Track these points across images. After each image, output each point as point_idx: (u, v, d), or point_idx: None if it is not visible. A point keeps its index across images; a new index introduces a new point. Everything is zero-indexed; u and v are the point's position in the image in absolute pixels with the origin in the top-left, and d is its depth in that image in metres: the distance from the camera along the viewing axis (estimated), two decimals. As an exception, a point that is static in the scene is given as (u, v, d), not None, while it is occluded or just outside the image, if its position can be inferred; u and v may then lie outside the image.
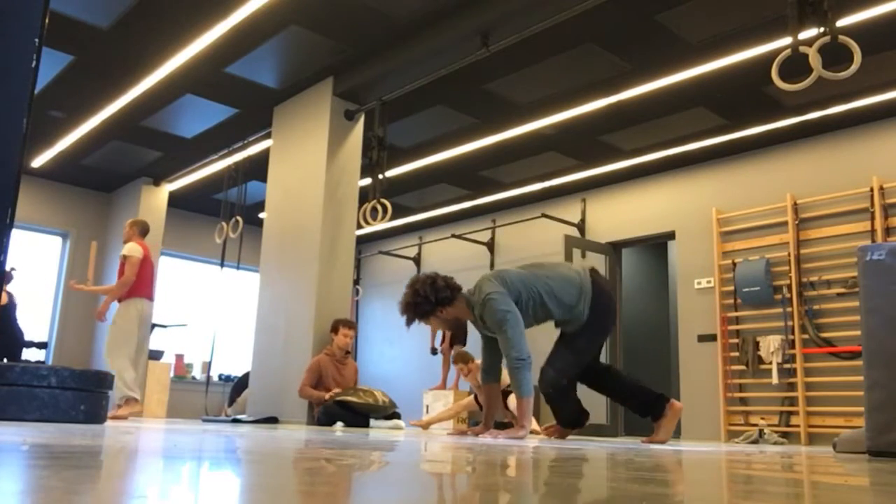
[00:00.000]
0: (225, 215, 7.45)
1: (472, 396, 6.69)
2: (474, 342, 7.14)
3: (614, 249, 8.28)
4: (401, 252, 10.40)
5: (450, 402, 7.04)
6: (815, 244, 6.58)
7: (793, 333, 6.52)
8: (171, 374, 9.17)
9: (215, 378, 9.58)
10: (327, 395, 5.65)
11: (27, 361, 6.35)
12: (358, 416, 5.59)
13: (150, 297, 6.41)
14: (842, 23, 4.27)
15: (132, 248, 6.27)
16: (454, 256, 9.74)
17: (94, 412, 3.81)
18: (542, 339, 4.48)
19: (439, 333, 8.35)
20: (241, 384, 8.28)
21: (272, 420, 5.97)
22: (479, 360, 6.28)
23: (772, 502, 1.02)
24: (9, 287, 6.85)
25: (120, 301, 6.21)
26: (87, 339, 9.25)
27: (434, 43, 5.41)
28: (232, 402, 8.66)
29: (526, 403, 3.87)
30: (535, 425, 6.71)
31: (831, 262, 6.42)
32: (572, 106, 6.41)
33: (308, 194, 6.26)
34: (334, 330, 5.90)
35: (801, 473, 1.79)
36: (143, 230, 6.54)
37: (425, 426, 6.35)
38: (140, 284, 6.24)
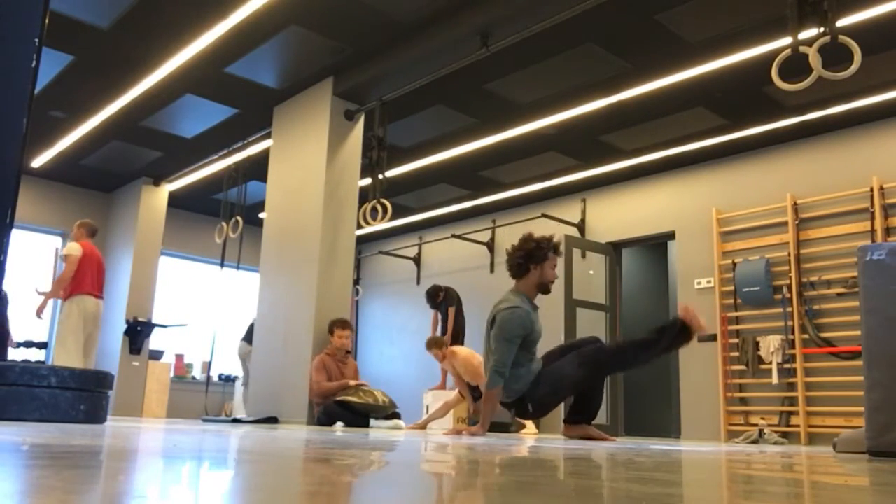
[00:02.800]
0: (225, 215, 7.45)
1: (457, 391, 6.69)
2: (474, 339, 7.16)
3: (614, 249, 8.28)
4: (401, 252, 10.40)
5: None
6: (815, 244, 6.58)
7: (793, 333, 6.51)
8: (171, 374, 9.18)
9: (215, 378, 9.58)
10: (353, 382, 5.74)
11: (27, 361, 6.35)
12: (358, 416, 5.60)
13: (95, 295, 6.50)
14: (842, 23, 4.27)
15: (70, 247, 6.43)
16: (454, 256, 9.74)
17: (94, 412, 3.81)
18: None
19: (439, 326, 8.39)
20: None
21: (272, 420, 5.97)
22: (456, 348, 6.46)
23: (772, 502, 1.02)
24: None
25: (64, 299, 6.33)
26: (87, 339, 9.25)
27: (434, 43, 5.41)
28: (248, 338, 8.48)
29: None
30: (531, 426, 6.72)
31: (831, 262, 6.41)
32: (572, 106, 6.40)
33: (308, 194, 6.26)
34: (330, 332, 5.91)
35: (801, 473, 1.79)
36: (90, 231, 6.72)
37: (423, 426, 6.36)
38: (82, 282, 6.37)
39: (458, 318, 8.07)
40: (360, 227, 6.30)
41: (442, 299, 8.22)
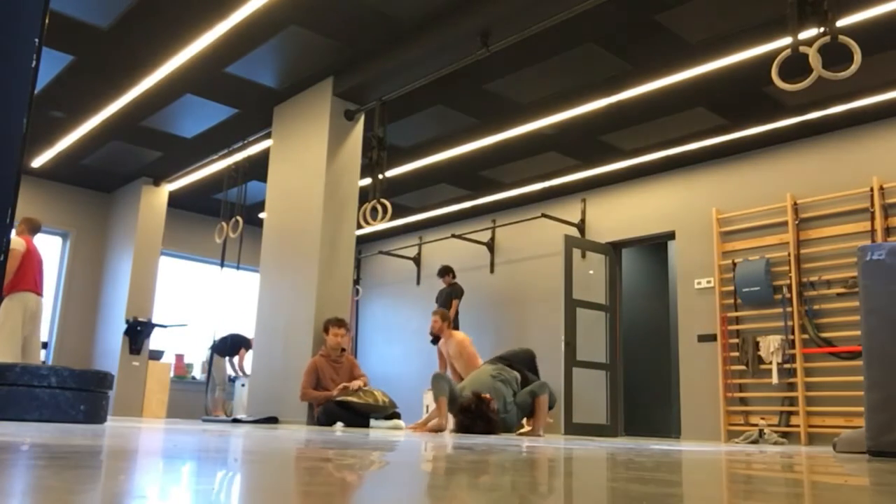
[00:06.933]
0: (225, 215, 7.45)
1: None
2: (470, 330, 7.17)
3: (614, 249, 8.27)
4: (401, 252, 10.40)
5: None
6: (815, 244, 6.58)
7: (793, 333, 6.51)
8: (171, 374, 9.18)
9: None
10: (335, 391, 5.63)
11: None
12: (358, 416, 5.59)
13: (37, 292, 6.35)
14: (842, 23, 4.26)
15: (13, 242, 6.22)
16: (454, 256, 9.74)
17: (94, 412, 3.82)
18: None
19: None
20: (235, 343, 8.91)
21: (272, 420, 5.97)
22: (454, 331, 7.17)
23: (772, 502, 1.02)
24: None
25: (5, 295, 6.20)
26: (87, 339, 9.26)
27: (434, 43, 5.41)
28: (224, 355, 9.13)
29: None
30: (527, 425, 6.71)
31: (831, 262, 6.41)
32: (572, 106, 6.40)
33: (308, 194, 6.26)
34: (325, 330, 5.88)
35: (801, 473, 1.78)
36: (32, 228, 6.54)
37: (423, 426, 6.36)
38: (23, 279, 6.22)
39: (457, 313, 8.21)
40: (360, 227, 6.30)
41: (451, 283, 8.44)
